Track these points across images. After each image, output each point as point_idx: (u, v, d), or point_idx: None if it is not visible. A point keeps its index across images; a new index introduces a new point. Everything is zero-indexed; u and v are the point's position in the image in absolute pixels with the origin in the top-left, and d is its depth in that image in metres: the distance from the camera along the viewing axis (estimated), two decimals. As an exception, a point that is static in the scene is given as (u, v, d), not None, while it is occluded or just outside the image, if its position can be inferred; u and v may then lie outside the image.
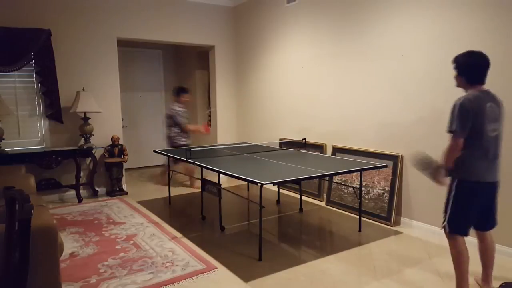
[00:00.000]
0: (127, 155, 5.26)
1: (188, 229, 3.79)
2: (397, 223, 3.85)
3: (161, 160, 7.18)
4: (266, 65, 5.69)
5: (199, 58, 6.97)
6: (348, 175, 4.29)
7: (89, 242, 3.43)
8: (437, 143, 3.46)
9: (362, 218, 3.81)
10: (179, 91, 5.52)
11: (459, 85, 2.40)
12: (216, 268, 2.90)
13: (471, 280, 2.56)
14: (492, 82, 3.04)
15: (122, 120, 5.61)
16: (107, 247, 3.30)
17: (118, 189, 5.24)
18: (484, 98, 2.24)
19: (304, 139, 4.83)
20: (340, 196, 4.44)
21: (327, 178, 4.53)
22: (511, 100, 2.95)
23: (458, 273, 2.38)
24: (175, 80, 7.52)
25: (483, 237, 2.50)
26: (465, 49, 3.21)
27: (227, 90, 6.34)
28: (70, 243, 3.39)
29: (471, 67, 2.26)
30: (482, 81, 2.28)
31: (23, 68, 4.56)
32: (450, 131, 2.25)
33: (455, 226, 2.36)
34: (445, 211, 2.40)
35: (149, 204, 4.73)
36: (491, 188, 2.37)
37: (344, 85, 4.44)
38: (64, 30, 4.83)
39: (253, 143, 5.38)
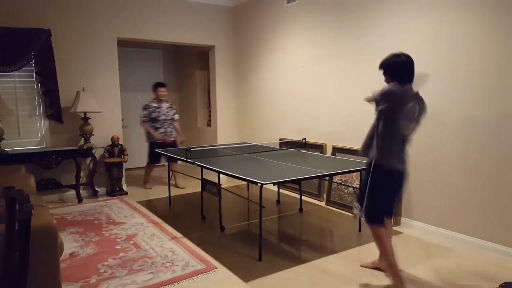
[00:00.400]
0: (127, 155, 5.26)
1: (188, 229, 3.79)
2: (397, 223, 3.84)
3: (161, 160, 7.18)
4: (266, 65, 5.69)
5: (199, 58, 6.97)
6: (348, 175, 4.29)
7: (89, 242, 3.43)
8: (437, 143, 3.46)
9: (362, 218, 3.81)
10: (155, 86, 5.47)
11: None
12: (216, 268, 2.89)
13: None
14: (492, 83, 3.05)
15: (122, 120, 5.61)
16: (107, 247, 3.30)
17: (118, 189, 5.24)
18: (409, 96, 2.46)
19: (304, 139, 4.83)
20: (340, 196, 4.44)
21: (327, 178, 4.53)
22: (510, 100, 2.95)
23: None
24: (175, 80, 7.53)
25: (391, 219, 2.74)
26: (464, 49, 3.23)
27: (227, 90, 6.34)
28: (70, 243, 3.39)
29: (395, 67, 2.57)
30: (406, 80, 2.49)
31: (23, 68, 4.56)
32: None
33: (379, 213, 2.56)
34: None
35: (149, 204, 4.73)
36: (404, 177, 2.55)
37: (344, 85, 4.44)
38: (64, 30, 4.83)
39: (253, 143, 5.38)
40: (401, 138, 2.43)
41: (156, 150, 4.79)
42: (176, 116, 5.63)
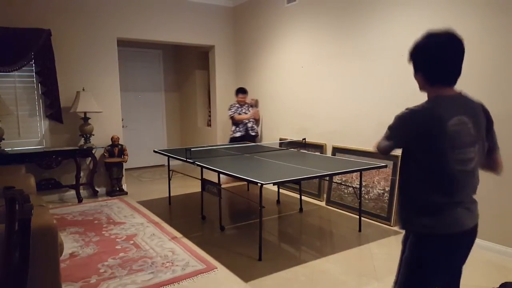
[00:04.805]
0: (127, 155, 5.26)
1: (188, 229, 3.79)
2: (397, 223, 3.84)
3: (161, 160, 7.19)
4: (266, 65, 5.69)
5: (199, 58, 6.97)
6: (348, 175, 4.29)
7: (89, 242, 3.43)
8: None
9: (362, 218, 3.81)
10: (236, 91, 5.74)
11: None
12: (216, 268, 2.89)
13: None
14: (493, 82, 3.05)
15: (122, 120, 5.61)
16: (107, 247, 3.30)
17: (118, 189, 5.24)
18: (448, 109, 1.41)
19: (304, 139, 4.83)
20: (340, 196, 4.44)
21: (327, 178, 4.53)
22: (511, 100, 2.96)
23: None
24: (175, 80, 7.53)
25: None
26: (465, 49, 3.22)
27: (227, 90, 6.34)
28: (70, 243, 3.39)
29: (426, 58, 1.45)
30: (446, 81, 1.46)
31: (23, 68, 4.56)
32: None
33: None
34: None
35: (149, 204, 4.73)
36: (472, 236, 1.53)
37: (344, 85, 4.44)
38: (64, 30, 4.83)
39: (253, 143, 5.38)
40: (450, 180, 1.42)
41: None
42: (249, 109, 5.76)
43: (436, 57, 1.42)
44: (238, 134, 5.62)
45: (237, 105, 5.66)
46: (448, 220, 1.43)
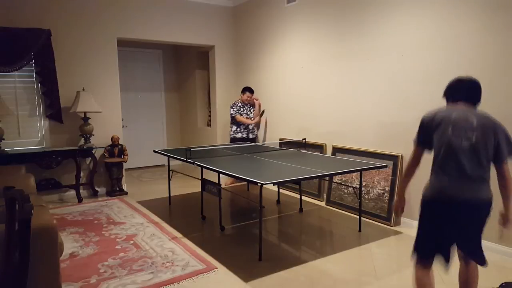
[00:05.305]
0: (127, 155, 5.26)
1: (188, 229, 3.79)
2: (397, 223, 3.84)
3: (161, 160, 7.19)
4: (266, 65, 5.69)
5: (199, 58, 6.97)
6: (348, 175, 4.29)
7: (89, 242, 3.43)
8: (437, 143, 3.45)
9: (362, 218, 3.81)
10: (243, 89, 5.66)
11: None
12: (216, 268, 2.90)
13: None
14: (493, 82, 3.05)
15: (122, 120, 5.61)
16: (107, 247, 3.30)
17: (118, 189, 5.24)
18: (455, 109, 2.03)
19: (304, 139, 4.83)
20: (340, 196, 4.44)
21: (327, 178, 4.53)
22: (510, 100, 2.95)
23: None
24: (175, 80, 7.53)
25: (465, 262, 2.12)
26: (465, 49, 3.23)
27: (227, 90, 6.34)
28: (70, 243, 3.39)
29: (448, 87, 2.18)
30: (457, 98, 2.09)
31: (23, 68, 4.56)
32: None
33: (416, 251, 2.08)
34: None
35: (149, 204, 4.73)
36: (459, 208, 1.95)
37: (344, 85, 4.44)
38: (64, 30, 4.83)
39: (253, 143, 5.38)
40: (444, 160, 1.98)
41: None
42: (252, 109, 5.71)
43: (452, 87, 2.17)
44: (239, 135, 5.60)
45: (239, 104, 5.61)
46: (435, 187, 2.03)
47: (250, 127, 5.64)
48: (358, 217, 3.80)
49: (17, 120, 4.73)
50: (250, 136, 5.66)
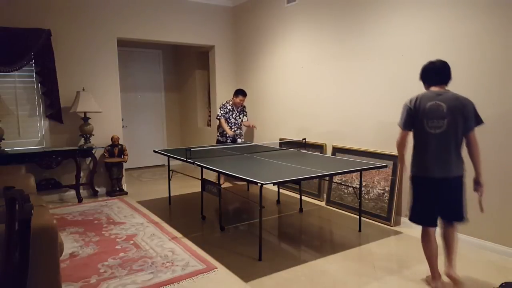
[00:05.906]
0: (127, 155, 5.26)
1: (188, 229, 3.79)
2: (397, 223, 3.84)
3: (161, 160, 7.19)
4: (266, 65, 5.69)
5: (199, 58, 6.98)
6: (348, 175, 4.29)
7: (89, 242, 3.43)
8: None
9: (362, 218, 3.81)
10: (235, 92, 5.50)
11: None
12: (216, 268, 2.90)
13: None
14: (491, 82, 3.05)
15: (122, 120, 5.61)
16: (107, 247, 3.30)
17: (118, 189, 5.24)
18: (430, 97, 2.45)
19: (304, 139, 4.83)
20: (340, 196, 4.44)
21: (327, 178, 4.53)
22: (510, 100, 2.95)
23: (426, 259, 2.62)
24: (175, 80, 7.53)
25: (446, 225, 2.59)
26: (464, 49, 3.23)
27: (227, 90, 6.34)
28: (70, 243, 3.39)
29: (423, 71, 2.59)
30: (432, 83, 2.52)
31: (23, 68, 4.56)
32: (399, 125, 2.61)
33: (412, 216, 2.61)
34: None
35: (149, 204, 4.73)
36: (442, 183, 2.44)
37: (344, 85, 4.44)
38: (64, 30, 4.83)
39: (253, 143, 5.38)
40: (427, 142, 2.45)
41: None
42: (245, 118, 5.60)
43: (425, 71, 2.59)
44: (223, 139, 5.51)
45: (229, 107, 5.45)
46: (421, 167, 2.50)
47: (237, 131, 5.55)
48: (358, 217, 3.80)
49: (17, 120, 4.73)
50: (239, 141, 5.55)
